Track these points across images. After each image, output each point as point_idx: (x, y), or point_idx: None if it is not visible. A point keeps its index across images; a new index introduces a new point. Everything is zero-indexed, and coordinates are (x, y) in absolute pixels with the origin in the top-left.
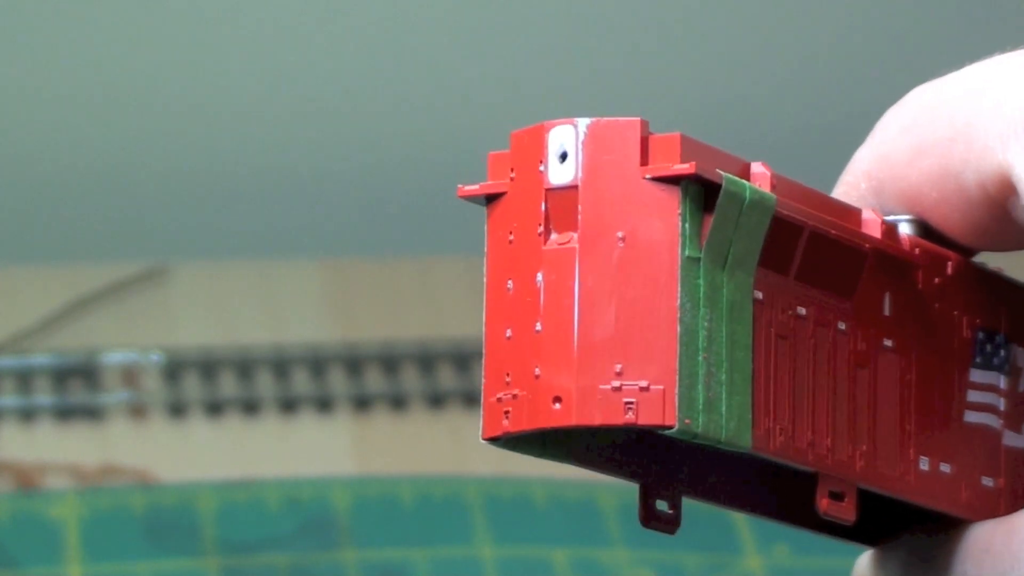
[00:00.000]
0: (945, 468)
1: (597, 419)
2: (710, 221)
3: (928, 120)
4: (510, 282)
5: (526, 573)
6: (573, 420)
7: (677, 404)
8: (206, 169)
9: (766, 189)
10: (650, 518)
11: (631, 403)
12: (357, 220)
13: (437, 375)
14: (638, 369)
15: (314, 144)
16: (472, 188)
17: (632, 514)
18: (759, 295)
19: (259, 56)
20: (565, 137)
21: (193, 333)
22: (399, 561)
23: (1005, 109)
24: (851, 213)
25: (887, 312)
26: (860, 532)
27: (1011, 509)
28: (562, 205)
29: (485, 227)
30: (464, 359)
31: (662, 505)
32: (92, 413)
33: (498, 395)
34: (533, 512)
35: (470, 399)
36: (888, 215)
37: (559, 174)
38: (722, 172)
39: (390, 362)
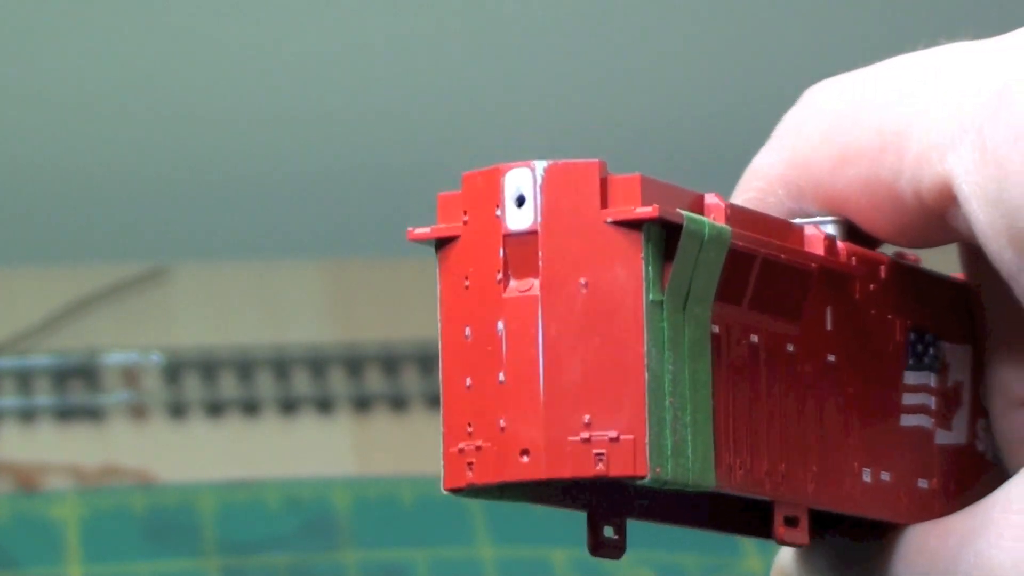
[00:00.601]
0: (885, 476)
1: (567, 471)
2: (671, 262)
3: (850, 127)
4: (468, 329)
5: (526, 573)
6: (542, 473)
7: (648, 453)
8: (206, 170)
9: (721, 221)
10: (598, 546)
11: (601, 454)
12: (357, 220)
13: (437, 375)
14: (607, 419)
15: (314, 145)
16: (423, 231)
17: None
18: (715, 328)
19: (259, 56)
20: (522, 180)
21: (193, 333)
22: (399, 561)
23: (937, 117)
24: (793, 231)
25: (829, 327)
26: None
27: (945, 508)
28: (521, 251)
29: (436, 270)
30: None
31: (608, 531)
32: (92, 413)
33: (460, 445)
34: (533, 512)
35: None
36: (809, 217)
37: (517, 219)
38: (682, 211)
39: (390, 362)
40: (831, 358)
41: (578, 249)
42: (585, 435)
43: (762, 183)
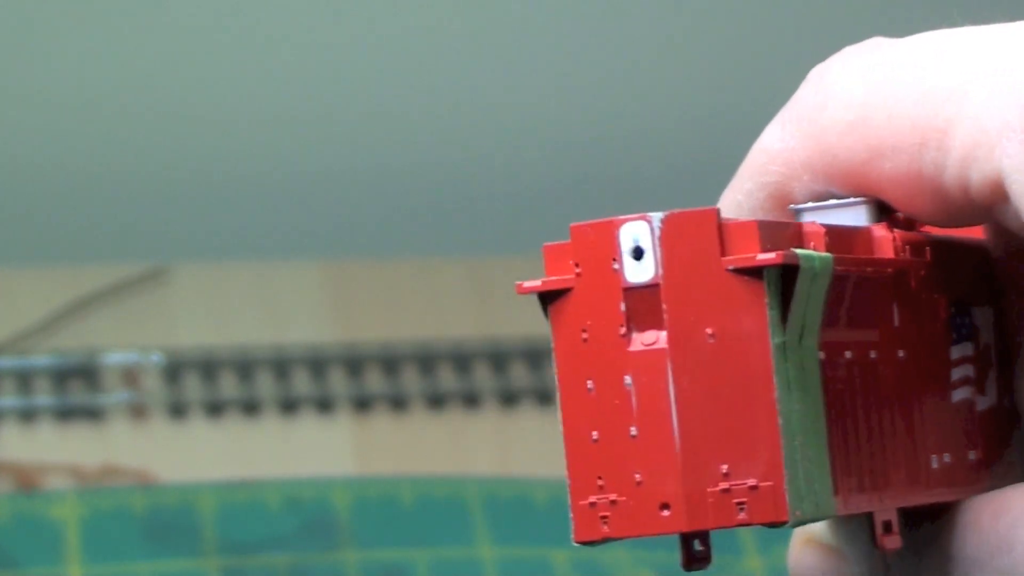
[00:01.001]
0: (947, 459)
1: (709, 523)
2: (789, 302)
3: (883, 121)
4: (590, 382)
5: (526, 573)
6: (684, 527)
7: (788, 498)
8: (206, 170)
9: (822, 250)
10: (692, 560)
11: (742, 503)
12: (357, 220)
13: (437, 376)
14: (744, 468)
15: (314, 145)
16: (534, 284)
17: None
18: (821, 355)
19: (259, 57)
20: (639, 232)
21: (193, 334)
22: (399, 561)
23: (980, 114)
24: (863, 235)
25: (896, 324)
26: None
27: (990, 476)
28: (644, 304)
29: (549, 323)
30: (464, 360)
31: (697, 544)
32: (92, 413)
33: (591, 499)
34: (533, 512)
35: (470, 400)
36: (836, 198)
37: (636, 272)
38: (796, 252)
39: (390, 363)
40: (901, 354)
41: (701, 299)
42: (724, 486)
43: (784, 167)
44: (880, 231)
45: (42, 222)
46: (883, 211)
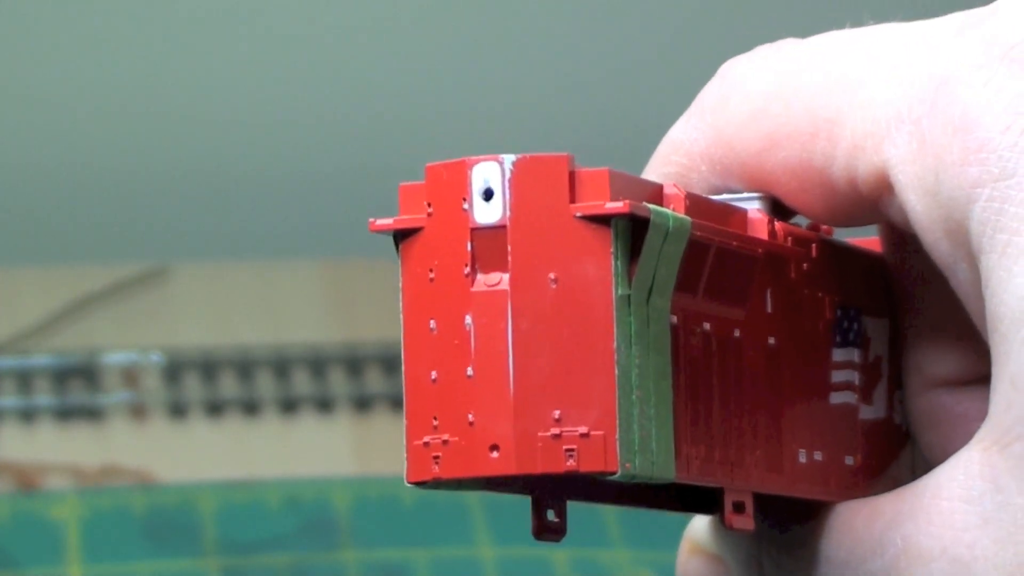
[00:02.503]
0: (818, 456)
1: (538, 467)
2: (637, 256)
3: (779, 109)
4: (432, 322)
5: (526, 573)
6: (512, 469)
7: (618, 449)
8: (206, 169)
9: (681, 212)
10: (542, 530)
11: (571, 450)
12: (357, 220)
13: None
14: (577, 415)
15: (314, 144)
16: (385, 222)
17: (633, 514)
18: (674, 319)
19: (259, 56)
20: (490, 174)
21: (193, 333)
22: (399, 561)
23: (872, 105)
24: (737, 215)
25: (769, 310)
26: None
27: (868, 484)
28: (490, 245)
29: (399, 261)
30: None
31: (550, 515)
32: (92, 413)
33: (424, 439)
34: None
35: None
36: (732, 193)
37: (485, 213)
38: (648, 205)
39: (390, 362)
40: (771, 341)
41: (547, 244)
42: (555, 431)
43: (684, 159)
44: (756, 214)
45: (42, 222)
46: (778, 209)
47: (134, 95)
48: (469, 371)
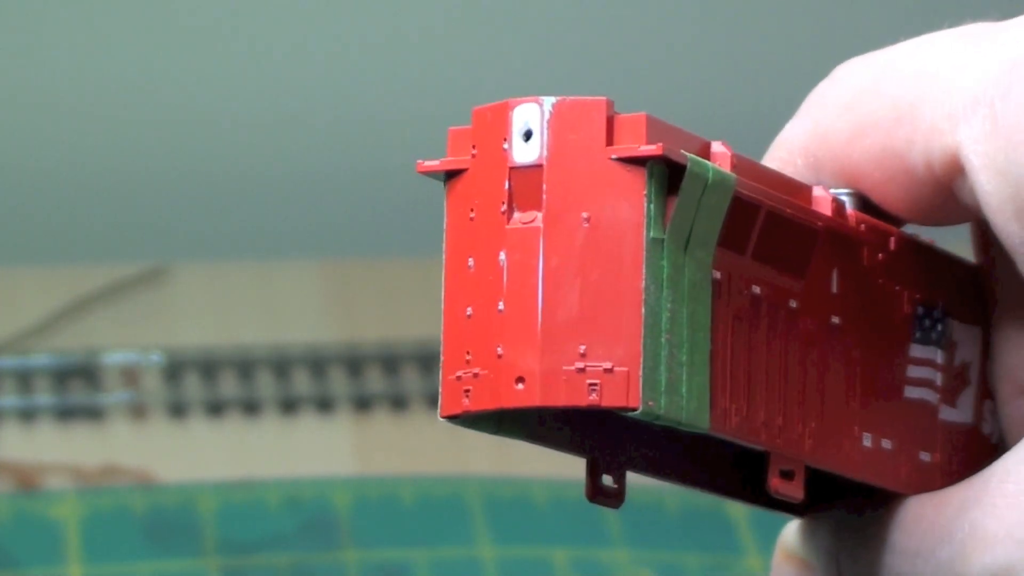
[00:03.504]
0: (886, 444)
1: (561, 400)
2: (673, 202)
3: (869, 100)
4: (471, 260)
5: (526, 573)
6: (536, 401)
7: (641, 386)
8: (206, 169)
9: (727, 169)
10: (596, 493)
11: (595, 384)
12: (357, 220)
13: (437, 375)
14: (602, 351)
15: (314, 144)
16: (432, 163)
17: (633, 513)
18: (717, 275)
19: (259, 56)
20: (530, 115)
21: (193, 333)
22: (399, 561)
23: (951, 90)
24: (802, 190)
25: (835, 289)
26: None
27: (946, 483)
28: (526, 184)
29: (444, 203)
30: None
31: (607, 480)
32: (92, 413)
33: (457, 373)
34: (533, 512)
35: None
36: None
37: (523, 152)
38: (686, 153)
39: (390, 362)
40: (835, 320)
41: (582, 184)
42: (580, 365)
43: (784, 153)
44: (821, 191)
45: (42, 222)
46: (868, 208)
47: (134, 95)
48: (500, 306)
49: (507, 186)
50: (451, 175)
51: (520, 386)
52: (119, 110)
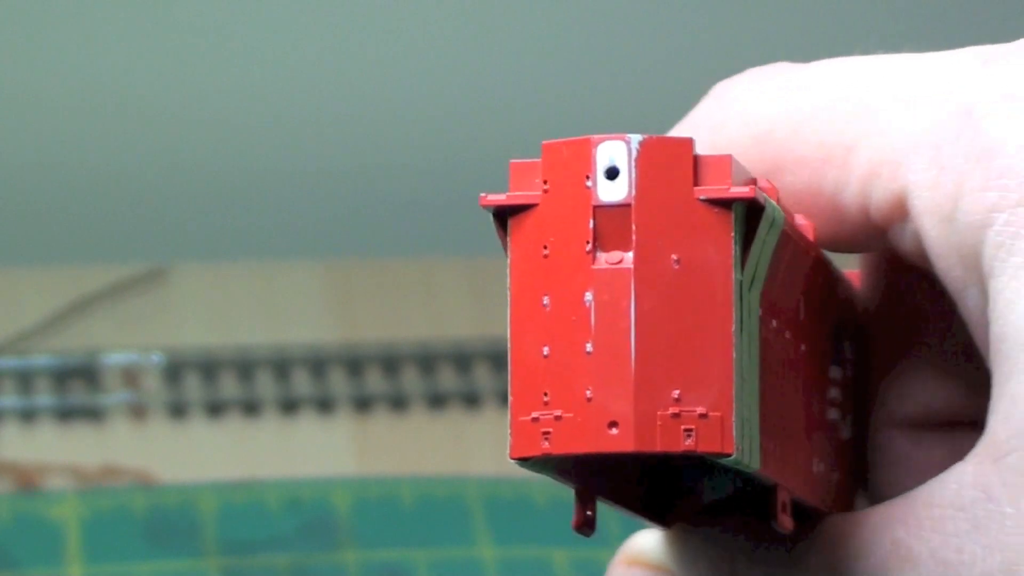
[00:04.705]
0: (821, 467)
1: (656, 446)
2: (749, 244)
3: (787, 135)
4: (546, 298)
5: (526, 573)
6: (631, 446)
7: (734, 432)
8: (206, 170)
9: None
10: (582, 524)
11: (690, 430)
12: (357, 220)
13: (438, 376)
14: (695, 395)
15: (314, 145)
16: (498, 198)
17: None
18: (760, 311)
19: (259, 56)
20: (615, 152)
21: (193, 334)
22: (399, 561)
23: (890, 133)
24: (791, 216)
25: (802, 316)
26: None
27: (847, 502)
28: (613, 223)
29: (507, 238)
30: (465, 360)
31: (590, 511)
32: (93, 414)
33: (533, 414)
34: (533, 512)
35: (471, 400)
36: None
37: (609, 191)
38: (763, 193)
39: (391, 363)
40: (803, 348)
41: (670, 224)
42: (675, 410)
43: None
44: (802, 220)
45: (42, 221)
46: None
47: (134, 95)
48: (588, 347)
49: (591, 224)
50: (516, 210)
51: (614, 431)
52: (119, 110)
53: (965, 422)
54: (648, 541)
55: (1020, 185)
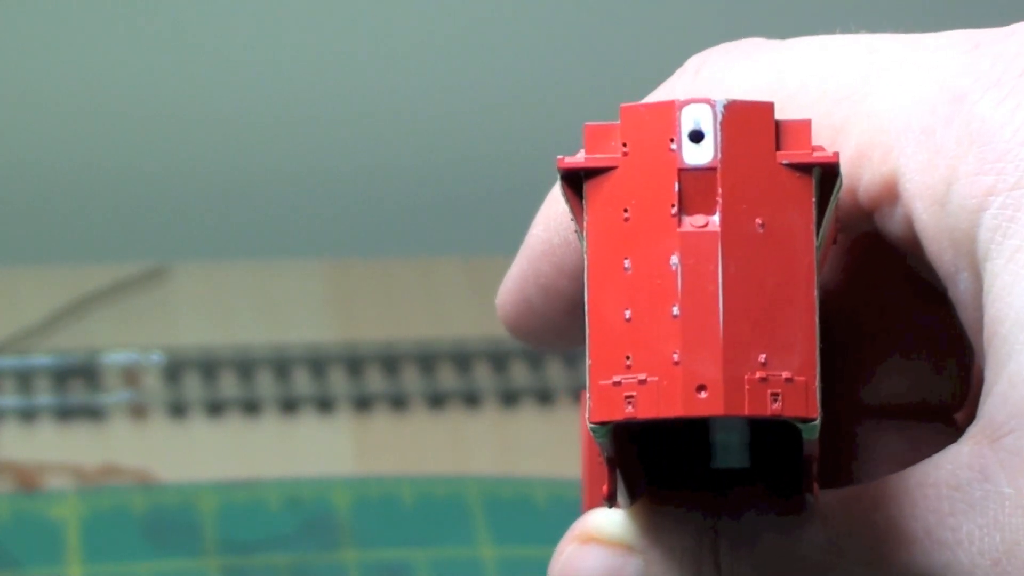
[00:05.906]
0: None
1: (744, 409)
2: (823, 208)
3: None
4: (627, 261)
5: (526, 573)
6: (720, 410)
7: (818, 396)
8: (206, 169)
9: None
10: (611, 496)
11: (776, 394)
12: (357, 220)
13: (438, 375)
14: (781, 360)
15: (314, 144)
16: (575, 160)
17: None
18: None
19: (259, 56)
20: (701, 115)
21: (193, 333)
22: (399, 561)
23: (880, 116)
24: None
25: None
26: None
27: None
28: (698, 186)
29: (583, 201)
30: (465, 359)
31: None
32: (93, 413)
33: (615, 378)
34: (533, 512)
35: (471, 399)
36: None
37: (694, 154)
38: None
39: (390, 362)
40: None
41: (753, 188)
42: (762, 374)
43: None
44: None
45: (42, 221)
46: None
47: (134, 95)
48: (675, 310)
49: (677, 187)
50: (591, 173)
51: (703, 394)
52: (119, 110)
53: (932, 409)
54: (605, 518)
55: (1016, 169)
